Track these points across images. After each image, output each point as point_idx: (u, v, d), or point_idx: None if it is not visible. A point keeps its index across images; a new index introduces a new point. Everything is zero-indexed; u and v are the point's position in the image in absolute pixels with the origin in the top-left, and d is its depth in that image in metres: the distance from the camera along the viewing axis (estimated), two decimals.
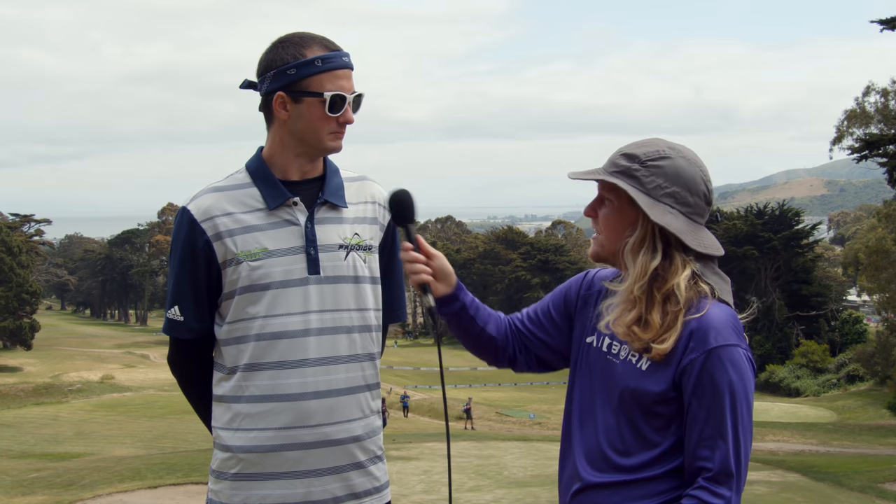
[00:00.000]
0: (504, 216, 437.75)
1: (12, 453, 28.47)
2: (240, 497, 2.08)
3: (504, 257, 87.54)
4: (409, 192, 2.03)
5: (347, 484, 2.11)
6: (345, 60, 2.10)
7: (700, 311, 1.78)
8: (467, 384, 58.94)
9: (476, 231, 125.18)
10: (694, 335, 1.76)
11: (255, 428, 2.07)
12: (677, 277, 1.79)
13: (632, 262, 1.82)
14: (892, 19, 27.69)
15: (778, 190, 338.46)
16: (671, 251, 1.81)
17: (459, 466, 20.78)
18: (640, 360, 1.82)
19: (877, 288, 43.39)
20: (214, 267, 2.09)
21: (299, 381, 2.06)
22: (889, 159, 31.80)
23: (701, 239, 1.83)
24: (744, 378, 1.76)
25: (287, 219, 2.11)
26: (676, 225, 1.80)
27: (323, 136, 2.10)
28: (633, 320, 1.81)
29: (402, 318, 2.38)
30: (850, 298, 78.92)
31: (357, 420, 2.13)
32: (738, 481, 1.77)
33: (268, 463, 2.06)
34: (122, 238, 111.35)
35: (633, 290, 1.81)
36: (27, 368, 58.85)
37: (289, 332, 2.06)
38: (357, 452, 2.13)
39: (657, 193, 1.81)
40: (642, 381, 1.80)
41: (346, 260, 2.14)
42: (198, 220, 2.08)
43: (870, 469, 19.73)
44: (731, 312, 1.81)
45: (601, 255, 1.91)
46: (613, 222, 1.87)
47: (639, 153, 1.85)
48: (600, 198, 1.90)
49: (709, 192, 1.86)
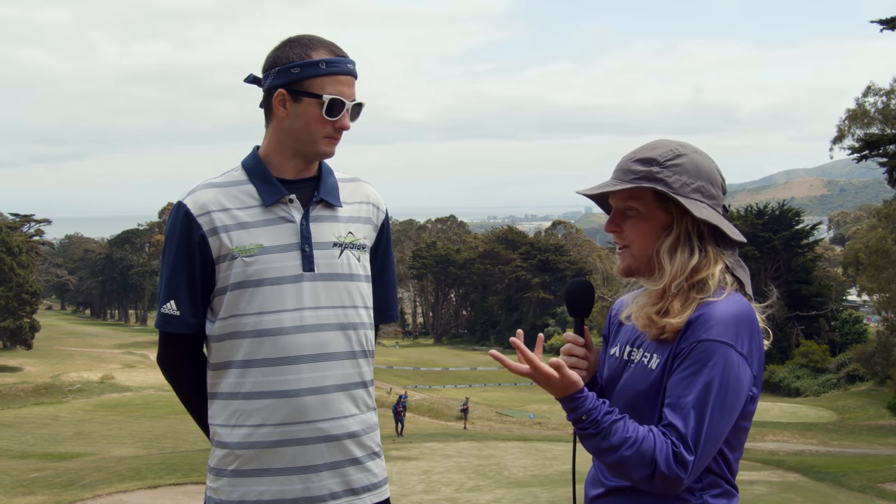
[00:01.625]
0: (504, 216, 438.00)
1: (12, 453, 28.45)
2: (238, 493, 2.09)
3: (504, 257, 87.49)
4: (591, 286, 2.01)
5: (345, 480, 2.12)
6: (349, 67, 2.12)
7: (717, 298, 1.76)
8: (467, 384, 58.95)
9: (476, 231, 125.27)
10: (691, 325, 1.74)
11: (251, 424, 2.08)
12: (711, 268, 1.79)
13: (668, 262, 1.80)
14: (893, 19, 27.68)
15: (778, 190, 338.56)
16: (705, 246, 1.81)
17: (459, 466, 20.78)
18: (651, 359, 1.81)
19: (877, 288, 43.40)
20: (209, 262, 2.10)
21: (294, 378, 2.07)
22: (889, 159, 31.80)
23: (732, 229, 1.84)
24: (728, 374, 1.70)
25: (282, 216, 2.13)
26: (716, 218, 1.81)
27: (317, 139, 2.12)
28: (658, 310, 1.80)
29: (394, 319, 2.40)
30: (850, 298, 78.90)
31: (353, 416, 2.15)
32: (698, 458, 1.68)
33: (265, 459, 2.07)
34: (122, 238, 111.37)
35: (669, 287, 1.79)
36: (27, 368, 58.83)
37: (283, 329, 2.07)
38: (354, 448, 2.14)
39: (685, 191, 1.80)
40: (651, 381, 1.80)
41: (340, 258, 2.16)
42: (194, 215, 2.09)
43: (870, 469, 19.72)
44: (741, 310, 1.76)
45: (633, 267, 1.87)
46: (644, 230, 1.83)
47: (654, 156, 1.83)
48: (622, 211, 1.86)
49: (723, 180, 1.87)
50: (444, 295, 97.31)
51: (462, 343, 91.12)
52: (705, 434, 1.68)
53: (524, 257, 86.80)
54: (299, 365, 2.08)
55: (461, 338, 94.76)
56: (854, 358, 50.73)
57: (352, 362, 2.15)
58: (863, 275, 45.44)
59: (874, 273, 41.36)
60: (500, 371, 68.70)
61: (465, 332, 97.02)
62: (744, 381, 1.73)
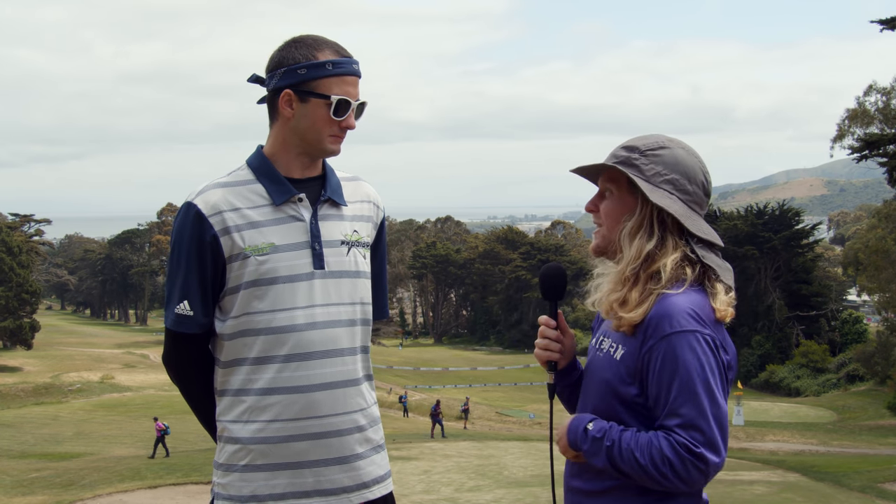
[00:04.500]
0: (504, 216, 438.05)
1: (12, 453, 28.46)
2: (249, 488, 2.11)
3: (504, 257, 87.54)
4: (563, 270, 2.07)
5: (356, 473, 2.16)
6: (354, 68, 2.16)
7: (676, 292, 1.78)
8: (467, 384, 58.94)
9: (476, 231, 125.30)
10: (651, 322, 1.77)
11: (264, 420, 2.11)
12: (665, 258, 1.82)
13: (627, 246, 1.85)
14: (893, 19, 27.70)
15: (778, 190, 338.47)
16: (666, 235, 1.85)
17: (459, 466, 20.79)
18: (617, 350, 1.84)
19: (877, 288, 43.44)
20: (220, 261, 2.13)
21: (306, 374, 2.11)
22: (889, 159, 31.82)
23: (700, 225, 1.86)
24: (701, 359, 1.72)
25: (293, 214, 2.16)
26: (675, 208, 1.83)
27: (324, 138, 2.15)
28: (617, 299, 1.85)
29: (386, 315, 2.43)
30: (850, 298, 78.93)
31: (361, 410, 2.19)
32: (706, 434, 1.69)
33: (277, 454, 2.11)
34: (122, 238, 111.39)
35: (625, 271, 1.85)
36: (27, 368, 58.85)
37: (295, 326, 2.11)
38: (362, 442, 2.18)
39: (656, 180, 1.85)
40: (616, 370, 1.82)
41: (348, 255, 2.20)
42: (206, 215, 2.11)
43: (870, 469, 19.75)
44: (696, 300, 1.78)
45: (601, 246, 1.94)
46: (614, 211, 1.90)
47: (638, 144, 1.90)
48: (601, 191, 1.95)
49: (707, 182, 1.90)
50: (444, 295, 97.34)
51: (462, 343, 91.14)
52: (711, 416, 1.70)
53: (524, 257, 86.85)
54: (311, 361, 2.11)
55: (461, 338, 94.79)
56: (854, 358, 50.74)
57: (357, 357, 2.20)
58: (863, 275, 45.47)
59: (874, 273, 41.38)
60: (500, 371, 68.70)
61: (465, 332, 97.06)
62: (715, 362, 1.74)
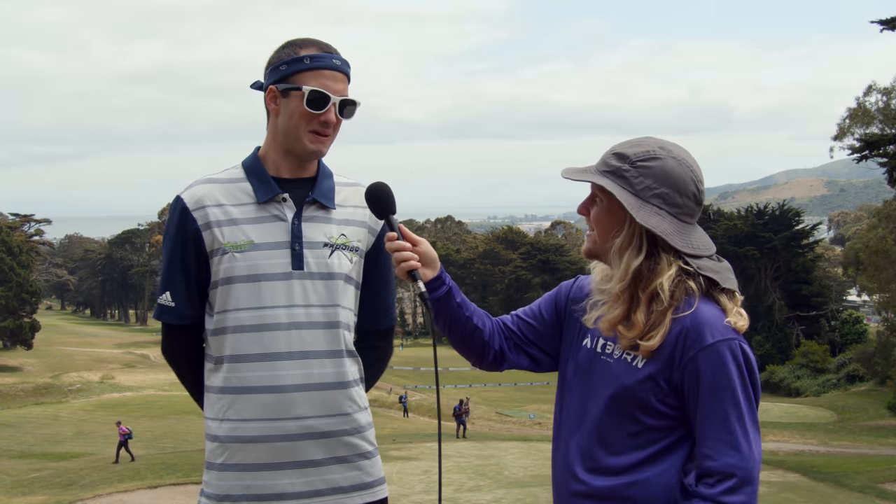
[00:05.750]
0: (504, 216, 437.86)
1: (12, 453, 28.49)
2: (225, 487, 2.12)
3: (504, 257, 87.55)
4: (385, 185, 2.07)
5: (331, 477, 2.14)
6: (334, 62, 2.14)
7: (690, 308, 1.78)
8: (467, 384, 58.92)
9: (476, 231, 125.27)
10: (689, 334, 1.77)
11: (237, 419, 2.11)
12: (661, 277, 1.79)
13: (617, 262, 1.83)
14: (893, 19, 27.72)
15: (778, 190, 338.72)
16: (657, 251, 1.82)
17: (459, 466, 20.79)
18: (636, 359, 1.83)
19: (877, 288, 43.45)
20: (203, 255, 2.15)
21: (281, 374, 2.11)
22: (889, 159, 31.85)
23: (690, 239, 1.84)
24: (744, 371, 1.75)
25: (275, 214, 2.16)
26: (663, 227, 1.80)
27: (302, 135, 2.14)
28: (617, 318, 1.83)
29: (391, 322, 2.42)
30: (850, 298, 78.96)
31: (343, 415, 2.17)
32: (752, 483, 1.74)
33: (251, 453, 2.10)
34: (122, 238, 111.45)
35: (615, 288, 1.83)
36: (27, 368, 58.88)
37: (270, 325, 2.11)
38: (342, 446, 2.16)
39: (645, 195, 1.82)
40: (639, 378, 1.81)
41: (330, 258, 2.18)
42: (190, 209, 2.14)
43: (870, 469, 19.75)
44: (717, 311, 1.80)
45: (594, 251, 1.93)
46: (603, 221, 1.89)
47: (629, 153, 1.85)
48: (592, 196, 1.92)
49: (699, 192, 1.87)
50: None
51: None
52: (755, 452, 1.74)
53: (524, 257, 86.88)
54: (287, 361, 2.11)
55: None
56: (854, 358, 50.72)
57: (339, 360, 2.17)
58: (863, 275, 45.46)
59: (874, 273, 41.38)
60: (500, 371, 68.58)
61: None
62: (756, 371, 1.79)
